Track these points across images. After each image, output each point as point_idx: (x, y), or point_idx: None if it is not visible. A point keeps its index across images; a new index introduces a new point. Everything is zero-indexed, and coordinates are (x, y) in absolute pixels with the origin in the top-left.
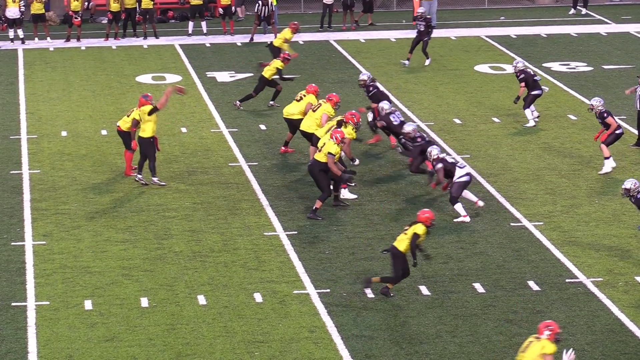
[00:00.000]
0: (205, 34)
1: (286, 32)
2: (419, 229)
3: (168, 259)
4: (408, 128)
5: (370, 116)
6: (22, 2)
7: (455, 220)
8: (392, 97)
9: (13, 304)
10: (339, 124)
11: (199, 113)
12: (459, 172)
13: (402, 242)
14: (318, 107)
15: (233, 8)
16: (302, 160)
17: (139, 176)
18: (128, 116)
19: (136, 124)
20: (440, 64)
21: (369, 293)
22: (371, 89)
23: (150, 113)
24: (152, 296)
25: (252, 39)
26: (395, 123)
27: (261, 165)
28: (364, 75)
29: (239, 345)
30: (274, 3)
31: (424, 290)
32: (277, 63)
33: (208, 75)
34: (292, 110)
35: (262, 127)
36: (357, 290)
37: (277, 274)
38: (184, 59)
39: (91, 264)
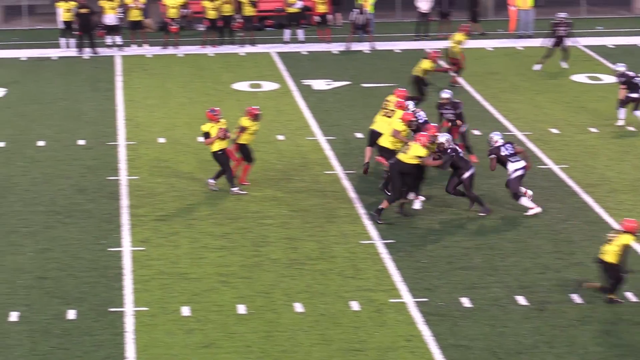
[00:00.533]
0: (301, 42)
1: (459, 35)
2: (627, 239)
3: (265, 266)
4: (442, 139)
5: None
6: (120, 9)
7: (526, 214)
8: (488, 106)
9: (111, 309)
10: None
11: (296, 121)
12: (512, 167)
13: (610, 254)
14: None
15: (330, 16)
16: None
17: (211, 181)
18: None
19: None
20: (537, 74)
21: (466, 302)
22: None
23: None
24: (249, 303)
25: (348, 47)
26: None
27: (357, 173)
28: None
29: (336, 354)
30: (371, 11)
31: (521, 300)
32: (426, 63)
33: (304, 83)
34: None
35: (359, 135)
36: (454, 300)
37: (374, 283)
38: (280, 66)
39: (189, 271)
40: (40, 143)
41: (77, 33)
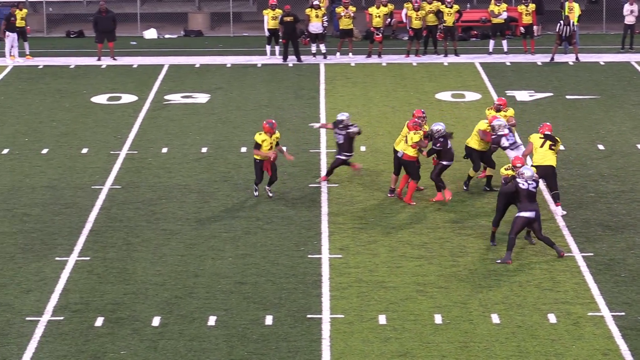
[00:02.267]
0: (505, 53)
1: None
2: None
3: (462, 276)
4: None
5: None
6: (325, 17)
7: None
8: None
9: (308, 316)
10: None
11: None
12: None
13: None
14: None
15: (535, 27)
16: (600, 182)
17: (267, 187)
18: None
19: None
20: None
21: None
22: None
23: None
24: (445, 313)
25: (552, 58)
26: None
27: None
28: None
29: None
30: (576, 22)
31: None
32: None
33: (508, 94)
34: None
35: (561, 147)
36: None
37: (572, 295)
38: (484, 77)
39: (386, 279)
40: (243, 149)
41: (282, 41)
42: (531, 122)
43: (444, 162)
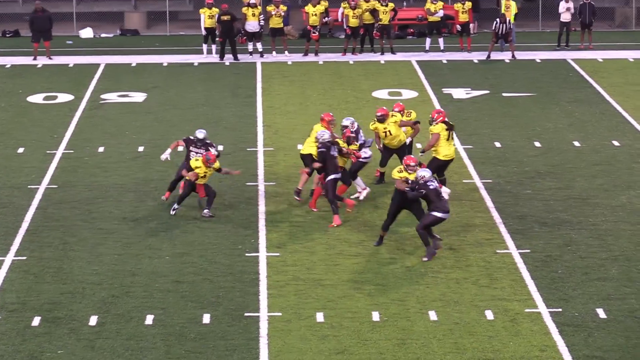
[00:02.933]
0: (442, 50)
1: None
2: None
3: (400, 273)
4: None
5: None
6: (262, 16)
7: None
8: (629, 118)
9: (246, 314)
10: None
11: None
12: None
13: None
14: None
15: (471, 25)
16: (537, 179)
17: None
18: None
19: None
20: None
21: (601, 313)
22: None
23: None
24: (383, 310)
25: (489, 56)
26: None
27: (495, 182)
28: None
29: None
30: (512, 20)
31: None
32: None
33: (444, 92)
34: None
35: (497, 144)
36: (590, 311)
37: (509, 292)
38: (420, 75)
39: (323, 277)
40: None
41: (218, 39)
42: (467, 120)
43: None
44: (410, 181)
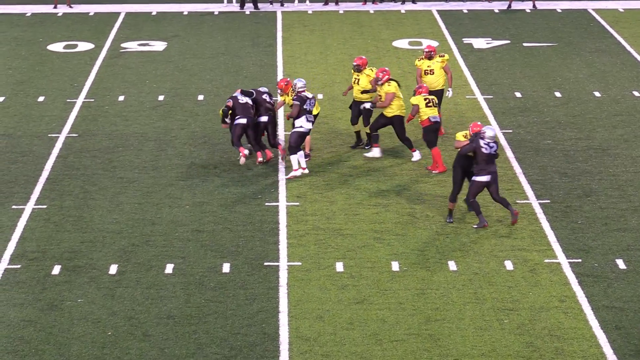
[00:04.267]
0: (463, 0)
1: None
2: None
3: (420, 223)
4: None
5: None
6: None
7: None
8: None
9: (266, 263)
10: None
11: (455, 79)
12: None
13: None
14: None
15: None
16: (557, 130)
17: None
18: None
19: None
20: None
21: (621, 264)
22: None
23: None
24: (403, 260)
25: (510, 5)
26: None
27: (515, 133)
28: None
29: (488, 312)
30: None
31: None
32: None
33: (464, 42)
34: None
35: (518, 94)
36: (609, 261)
37: (529, 242)
38: (441, 24)
39: (343, 227)
40: (200, 97)
41: None
42: (488, 70)
43: None
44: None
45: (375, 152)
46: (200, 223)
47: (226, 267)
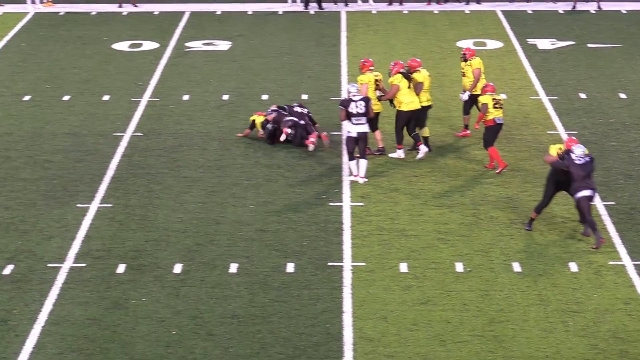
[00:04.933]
0: (527, 1)
1: None
2: None
3: (484, 224)
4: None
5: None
6: None
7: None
8: None
9: (330, 263)
10: None
11: (519, 80)
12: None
13: None
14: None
15: None
16: (622, 131)
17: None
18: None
19: None
20: None
21: None
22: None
23: None
24: (467, 261)
25: (574, 6)
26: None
27: (580, 134)
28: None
29: (553, 314)
30: None
31: None
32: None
33: (529, 42)
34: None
35: (583, 95)
36: None
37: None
38: (505, 25)
39: (407, 227)
40: (264, 97)
41: None
42: (552, 71)
43: None
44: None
45: (400, 153)
46: (264, 223)
47: (290, 267)
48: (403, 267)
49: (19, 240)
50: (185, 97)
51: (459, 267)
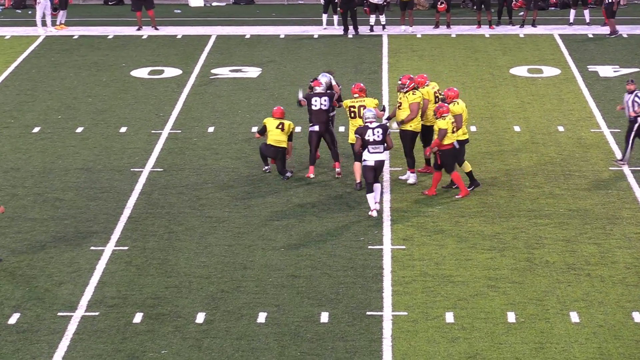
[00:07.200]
0: (588, 24)
1: None
2: None
3: (539, 270)
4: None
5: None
6: None
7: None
8: None
9: (368, 313)
10: None
11: (578, 111)
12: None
13: None
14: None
15: None
16: None
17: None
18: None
19: None
20: None
21: None
22: None
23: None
24: (519, 311)
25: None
26: None
27: None
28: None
29: None
30: None
31: None
32: None
33: (589, 69)
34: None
35: None
36: None
37: None
38: (564, 50)
39: (454, 273)
40: (297, 129)
41: (339, 10)
42: (615, 101)
43: None
44: None
45: (411, 178)
46: (296, 267)
47: (324, 317)
48: (449, 317)
49: (26, 287)
50: (210, 129)
51: (511, 317)
